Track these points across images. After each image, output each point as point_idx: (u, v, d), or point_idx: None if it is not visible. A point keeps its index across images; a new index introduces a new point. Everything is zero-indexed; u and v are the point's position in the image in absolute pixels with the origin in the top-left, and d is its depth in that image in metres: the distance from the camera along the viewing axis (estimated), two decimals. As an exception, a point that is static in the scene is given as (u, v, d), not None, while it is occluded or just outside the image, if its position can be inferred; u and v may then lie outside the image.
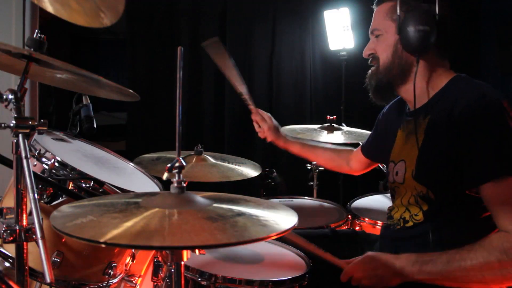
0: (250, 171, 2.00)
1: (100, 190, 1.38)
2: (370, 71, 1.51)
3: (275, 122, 1.98)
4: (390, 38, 1.42)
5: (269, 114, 1.99)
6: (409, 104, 1.50)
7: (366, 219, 2.15)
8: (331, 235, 1.78)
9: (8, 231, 1.05)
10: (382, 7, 1.47)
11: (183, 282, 0.94)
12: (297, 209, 0.99)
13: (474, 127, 1.25)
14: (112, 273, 1.43)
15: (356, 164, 1.94)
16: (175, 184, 0.94)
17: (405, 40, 1.36)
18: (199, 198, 0.96)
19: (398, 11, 1.38)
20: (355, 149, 1.96)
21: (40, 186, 1.31)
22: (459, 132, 1.26)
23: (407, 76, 1.42)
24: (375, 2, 1.51)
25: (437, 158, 1.33)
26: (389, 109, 1.69)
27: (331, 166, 2.06)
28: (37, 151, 1.38)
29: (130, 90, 1.25)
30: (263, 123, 1.96)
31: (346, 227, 2.16)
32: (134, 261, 1.57)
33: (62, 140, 1.67)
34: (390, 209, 1.56)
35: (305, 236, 1.59)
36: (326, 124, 2.54)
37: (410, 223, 1.42)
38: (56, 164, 1.36)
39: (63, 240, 1.33)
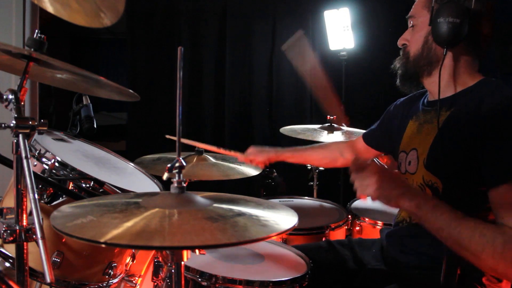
0: (250, 170, 2.00)
1: (100, 190, 1.38)
2: (400, 61, 1.49)
3: (254, 148, 1.98)
4: (423, 28, 1.41)
5: (248, 151, 1.98)
6: (430, 95, 1.48)
7: (366, 219, 2.15)
8: (327, 246, 1.74)
9: (8, 231, 1.05)
10: None
11: (183, 282, 0.94)
12: (297, 209, 0.99)
13: (499, 129, 1.22)
14: (112, 273, 1.43)
15: (352, 154, 1.88)
16: (175, 184, 0.94)
17: (435, 31, 1.35)
18: (199, 198, 0.96)
19: (433, 2, 1.37)
20: (347, 140, 1.93)
21: (40, 186, 1.31)
22: (482, 131, 1.24)
23: (434, 67, 1.41)
24: None
25: (452, 150, 1.31)
26: (403, 103, 1.67)
27: (325, 163, 2.03)
28: (37, 151, 1.38)
29: (130, 90, 1.25)
30: (250, 156, 1.95)
31: (346, 227, 2.16)
32: (134, 261, 1.57)
33: (62, 140, 1.68)
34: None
35: (302, 250, 1.59)
36: (326, 124, 2.55)
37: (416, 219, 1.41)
38: (56, 164, 1.36)
39: (63, 240, 1.33)
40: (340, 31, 3.45)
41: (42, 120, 1.09)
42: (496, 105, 1.25)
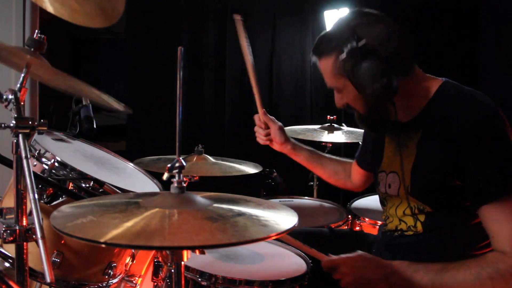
0: (249, 168, 2.00)
1: (100, 190, 1.38)
2: (356, 116, 1.42)
3: (278, 124, 1.81)
4: (353, 91, 1.30)
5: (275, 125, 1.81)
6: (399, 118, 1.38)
7: (366, 219, 2.15)
8: (329, 234, 1.78)
9: (8, 231, 1.05)
10: (323, 64, 1.37)
11: (183, 282, 0.94)
12: (297, 209, 0.99)
13: (473, 141, 1.21)
14: (112, 273, 1.43)
15: (356, 177, 1.84)
16: (175, 184, 0.94)
17: (371, 97, 1.26)
18: (199, 198, 0.96)
19: (342, 70, 1.28)
20: (348, 139, 1.90)
21: (40, 186, 1.31)
22: (457, 146, 1.23)
23: (389, 109, 1.32)
24: (312, 55, 1.42)
25: (432, 173, 1.29)
26: None
27: (335, 180, 1.89)
28: (37, 151, 1.38)
29: (122, 106, 1.18)
30: (271, 122, 1.78)
31: (346, 227, 2.16)
32: (134, 261, 1.57)
33: (62, 140, 1.68)
34: (385, 218, 1.54)
35: (304, 235, 1.59)
36: (326, 124, 2.54)
37: (410, 232, 1.41)
38: (56, 164, 1.36)
39: (63, 240, 1.33)
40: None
41: (42, 120, 1.09)
42: (466, 118, 1.22)
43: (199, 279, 1.33)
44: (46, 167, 1.35)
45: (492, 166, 1.20)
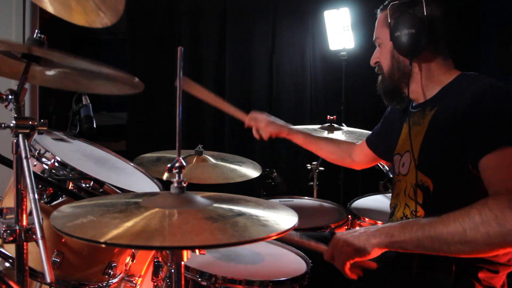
0: (251, 171, 2.00)
1: (100, 190, 1.38)
2: (378, 79, 1.55)
3: (270, 117, 1.98)
4: (387, 45, 1.47)
5: (262, 113, 1.98)
6: (415, 101, 1.52)
7: (366, 219, 2.15)
8: (330, 237, 1.77)
9: (8, 231, 1.05)
10: (380, 16, 1.53)
11: (183, 282, 0.94)
12: (297, 209, 0.99)
13: (477, 108, 1.26)
14: (112, 273, 1.43)
15: (359, 157, 1.93)
16: (175, 184, 0.94)
17: (397, 45, 1.42)
18: (199, 198, 0.96)
19: (388, 18, 1.44)
20: (357, 143, 1.96)
21: (40, 186, 1.31)
22: (463, 118, 1.27)
23: (410, 77, 1.45)
24: (378, 9, 1.56)
25: (439, 147, 1.35)
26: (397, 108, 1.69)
27: (333, 159, 2.04)
28: (37, 151, 1.38)
29: (134, 78, 1.18)
30: (258, 122, 1.95)
31: (346, 227, 2.16)
32: (134, 261, 1.57)
33: (62, 140, 1.67)
34: (393, 207, 1.56)
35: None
36: (326, 124, 2.54)
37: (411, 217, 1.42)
38: (56, 164, 1.36)
39: (63, 240, 1.33)
40: (340, 31, 3.45)
41: (42, 120, 1.09)
42: (475, 96, 1.28)
43: (199, 279, 1.33)
44: (46, 167, 1.35)
45: (491, 121, 1.24)
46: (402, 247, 1.21)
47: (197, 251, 1.10)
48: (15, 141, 1.05)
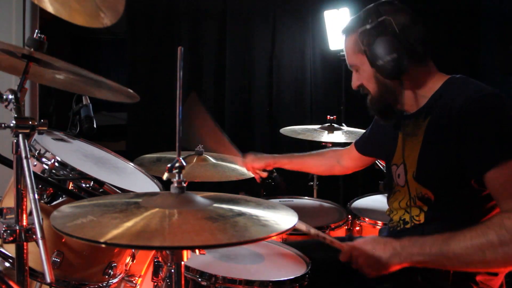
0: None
1: (100, 190, 1.38)
2: (368, 100, 1.50)
3: (256, 154, 1.99)
4: (368, 70, 1.42)
5: (247, 158, 2.00)
6: (407, 111, 1.49)
7: (366, 219, 2.15)
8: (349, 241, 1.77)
9: (8, 231, 1.05)
10: (347, 41, 1.48)
11: (183, 282, 0.94)
12: (297, 209, 0.99)
13: (473, 119, 1.25)
14: (112, 273, 1.43)
15: (348, 162, 1.91)
16: (175, 184, 0.94)
17: (382, 72, 1.37)
18: (199, 198, 0.96)
19: (361, 45, 1.39)
20: (343, 148, 1.96)
21: (40, 186, 1.31)
22: (459, 128, 1.26)
23: (398, 95, 1.44)
24: (342, 33, 1.51)
25: (437, 158, 1.34)
26: None
27: (322, 171, 2.04)
28: (37, 151, 1.38)
29: (129, 90, 1.24)
30: (249, 164, 1.97)
31: (346, 227, 2.16)
32: (134, 261, 1.57)
33: (62, 140, 1.67)
34: (389, 212, 1.56)
35: (302, 245, 1.60)
36: (326, 124, 2.54)
37: (411, 224, 1.43)
38: (56, 164, 1.36)
39: (63, 240, 1.33)
40: (340, 31, 3.44)
41: (42, 120, 1.09)
42: (467, 101, 1.27)
43: (199, 279, 1.33)
44: (46, 167, 1.35)
45: (489, 135, 1.23)
46: (420, 264, 1.26)
47: (197, 251, 1.10)
48: (15, 141, 1.05)
